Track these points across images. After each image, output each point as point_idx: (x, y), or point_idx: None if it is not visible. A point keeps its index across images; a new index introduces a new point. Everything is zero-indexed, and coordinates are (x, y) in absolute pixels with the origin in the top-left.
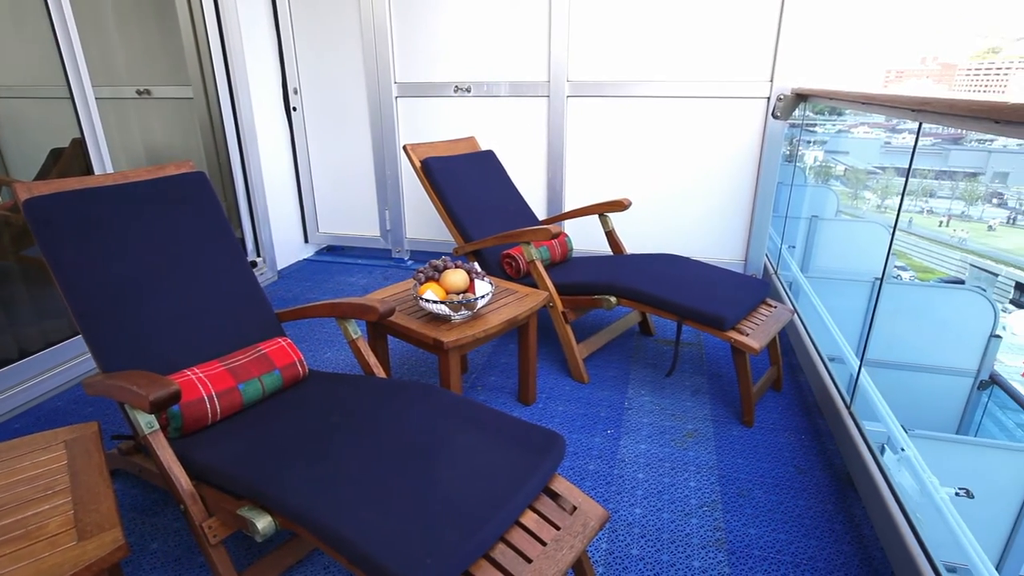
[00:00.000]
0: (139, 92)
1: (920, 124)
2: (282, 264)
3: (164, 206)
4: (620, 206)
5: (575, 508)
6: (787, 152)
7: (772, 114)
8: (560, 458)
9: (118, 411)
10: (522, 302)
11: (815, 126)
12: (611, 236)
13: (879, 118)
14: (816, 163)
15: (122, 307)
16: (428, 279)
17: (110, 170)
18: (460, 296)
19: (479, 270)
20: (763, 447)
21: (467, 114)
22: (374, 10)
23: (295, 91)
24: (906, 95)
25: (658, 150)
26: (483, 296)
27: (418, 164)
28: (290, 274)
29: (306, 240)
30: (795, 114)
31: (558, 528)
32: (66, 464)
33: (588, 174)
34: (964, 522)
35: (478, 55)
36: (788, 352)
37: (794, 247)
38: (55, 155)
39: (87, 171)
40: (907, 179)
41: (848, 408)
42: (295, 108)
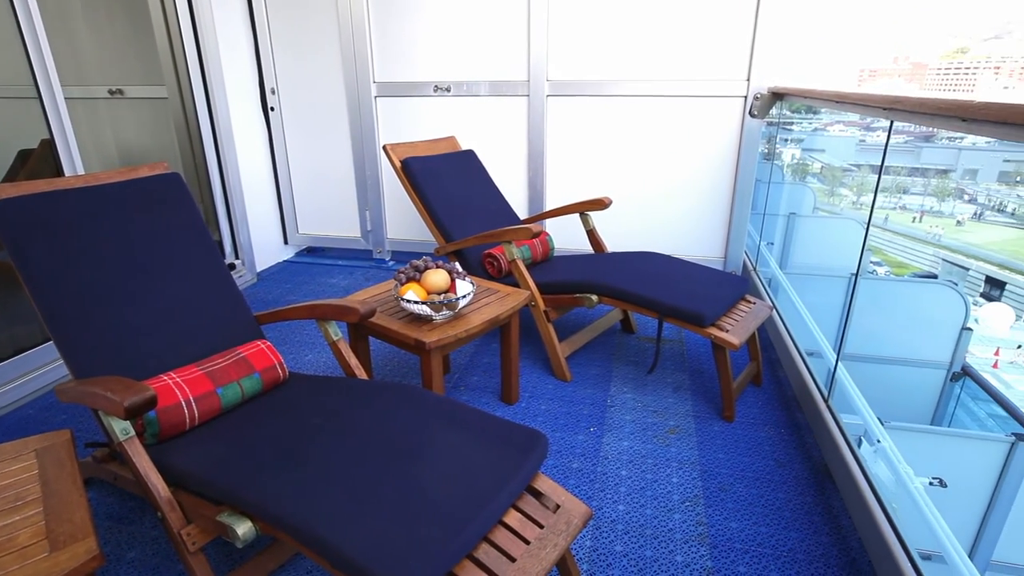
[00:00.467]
0: (111, 92)
1: (891, 122)
2: (261, 266)
3: (137, 208)
4: (601, 205)
5: (558, 506)
6: (765, 150)
7: (749, 113)
8: (543, 457)
9: (92, 418)
10: (504, 301)
11: (792, 124)
12: (592, 235)
13: (854, 116)
14: (793, 161)
15: (94, 311)
16: (409, 279)
17: (81, 172)
18: (441, 296)
19: (460, 270)
20: (744, 442)
21: (447, 114)
22: (352, 9)
23: (272, 91)
24: (878, 94)
25: (638, 149)
26: (464, 296)
27: (398, 164)
28: (270, 276)
29: (286, 241)
30: (772, 113)
31: (542, 527)
32: (37, 474)
33: (569, 173)
34: (938, 511)
35: (457, 54)
36: (767, 347)
37: (772, 244)
38: (23, 156)
39: (57, 173)
40: (880, 175)
41: (826, 402)
42: (273, 108)
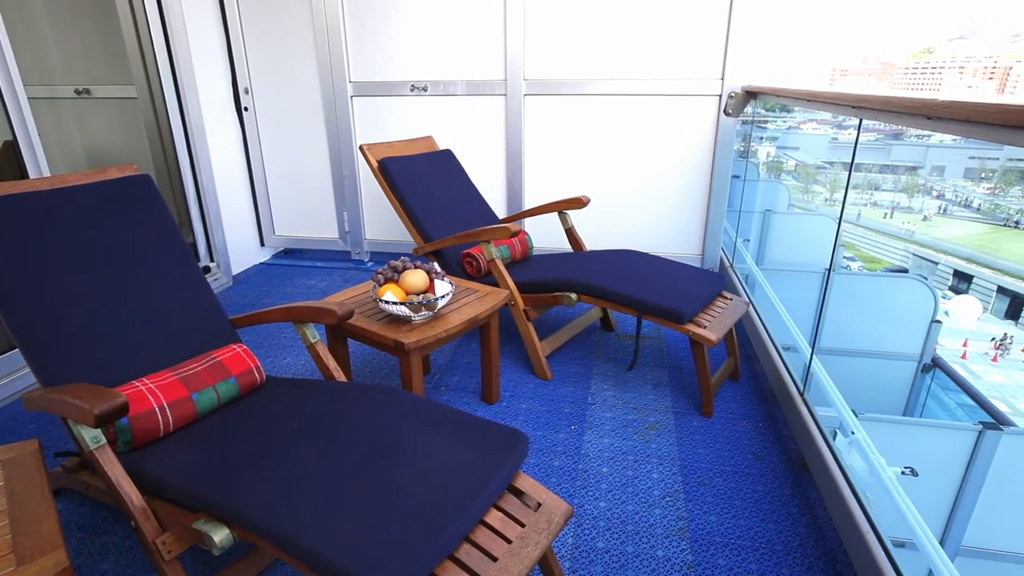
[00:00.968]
0: (78, 91)
1: (860, 120)
2: (237, 269)
3: (106, 211)
4: (579, 203)
5: (540, 504)
6: (740, 148)
7: (724, 111)
8: (524, 455)
9: (61, 427)
10: (483, 301)
11: (766, 123)
12: (571, 233)
13: (826, 115)
14: (768, 158)
15: (63, 317)
16: (387, 280)
17: (46, 174)
18: (420, 297)
19: (439, 270)
20: (722, 436)
21: (424, 113)
22: (326, 7)
23: (246, 91)
24: (847, 92)
25: (615, 147)
26: (443, 296)
27: (375, 164)
28: (246, 279)
29: (262, 243)
30: (746, 111)
31: (523, 525)
32: (3, 485)
33: (547, 172)
34: (909, 499)
35: (434, 54)
36: (744, 343)
37: (748, 240)
38: None
39: (21, 175)
40: (850, 172)
41: (802, 395)
42: (247, 108)
